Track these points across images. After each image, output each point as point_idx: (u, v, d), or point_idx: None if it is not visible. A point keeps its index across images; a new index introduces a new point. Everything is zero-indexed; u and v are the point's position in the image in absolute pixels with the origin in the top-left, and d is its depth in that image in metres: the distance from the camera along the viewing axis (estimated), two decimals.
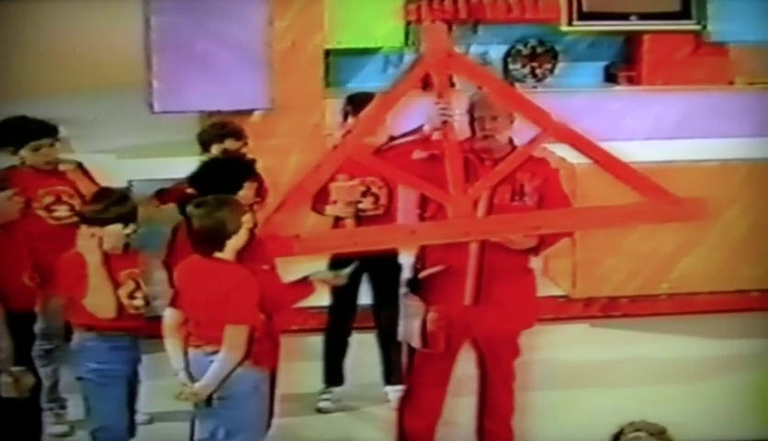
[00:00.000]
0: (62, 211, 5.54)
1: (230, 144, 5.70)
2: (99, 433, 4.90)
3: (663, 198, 4.95)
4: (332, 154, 5.03)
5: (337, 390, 6.06)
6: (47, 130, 5.54)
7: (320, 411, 6.02)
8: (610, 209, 5.15)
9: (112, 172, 6.42)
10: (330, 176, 5.07)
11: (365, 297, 6.06)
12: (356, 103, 5.72)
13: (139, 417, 5.71)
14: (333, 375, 6.06)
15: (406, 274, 5.33)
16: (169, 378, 4.93)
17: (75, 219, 5.35)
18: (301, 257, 4.87)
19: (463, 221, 4.86)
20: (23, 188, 5.31)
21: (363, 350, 6.07)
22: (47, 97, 6.90)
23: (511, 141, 5.05)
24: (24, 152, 5.49)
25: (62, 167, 5.53)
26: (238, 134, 5.79)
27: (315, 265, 5.11)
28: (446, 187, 4.86)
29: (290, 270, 4.90)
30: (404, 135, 5.21)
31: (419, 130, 5.11)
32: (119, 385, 4.84)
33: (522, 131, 5.07)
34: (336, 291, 5.97)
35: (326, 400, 6.05)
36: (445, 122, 4.85)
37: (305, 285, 4.88)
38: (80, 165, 5.67)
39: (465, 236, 4.89)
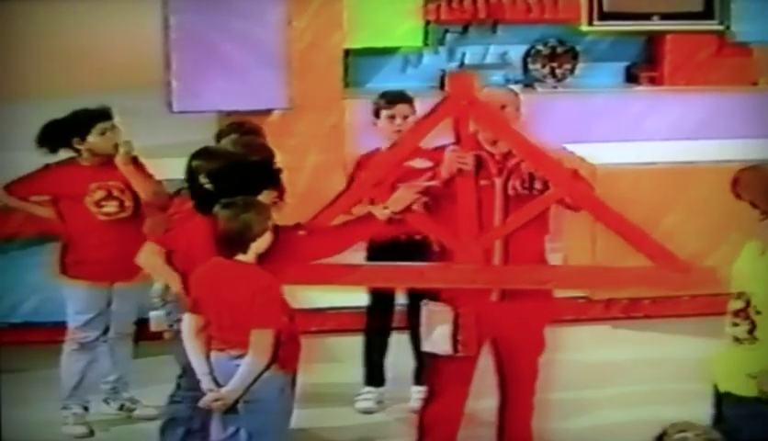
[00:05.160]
0: (110, 207, 5.60)
1: None
2: (182, 379, 5.02)
3: (674, 266, 4.91)
4: (350, 190, 5.02)
5: (379, 389, 6.02)
6: (106, 114, 5.66)
7: (361, 411, 5.98)
8: (620, 272, 5.18)
9: None
10: (347, 210, 5.03)
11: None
12: (390, 98, 5.71)
13: (150, 411, 5.74)
14: (374, 375, 6.02)
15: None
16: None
17: (124, 215, 5.55)
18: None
19: (472, 269, 4.88)
20: (79, 181, 5.52)
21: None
22: (67, 97, 6.89)
23: None
24: (92, 138, 5.58)
25: (122, 150, 5.60)
26: (256, 133, 5.78)
27: None
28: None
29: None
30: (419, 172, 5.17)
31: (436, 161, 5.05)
32: None
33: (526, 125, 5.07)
34: (375, 291, 5.93)
35: (368, 399, 6.01)
36: (460, 170, 4.85)
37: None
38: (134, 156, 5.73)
39: (471, 283, 4.91)
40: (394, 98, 5.72)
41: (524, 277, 4.94)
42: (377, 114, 5.79)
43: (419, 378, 5.94)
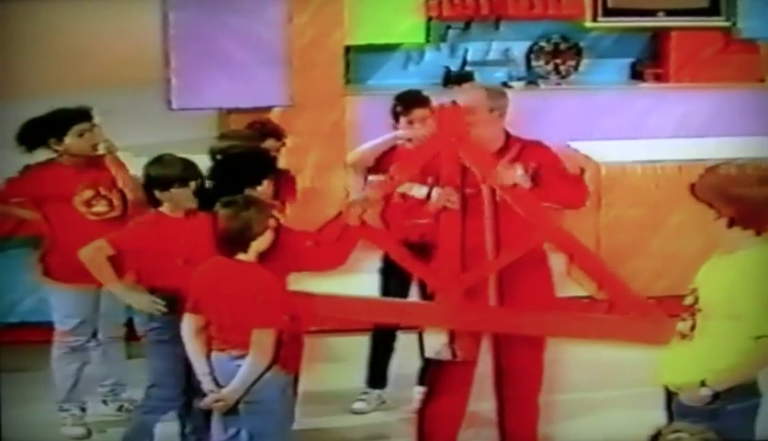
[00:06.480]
0: (100, 207, 5.53)
1: (270, 144, 5.63)
2: (153, 389, 4.99)
3: (650, 316, 4.93)
4: (335, 220, 4.96)
5: (377, 391, 5.98)
6: (85, 115, 5.56)
7: (354, 412, 5.94)
8: (584, 319, 5.28)
9: (130, 169, 6.36)
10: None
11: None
12: (406, 102, 5.61)
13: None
14: (377, 377, 5.97)
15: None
16: None
17: (114, 214, 5.47)
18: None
19: (452, 309, 4.85)
20: (64, 182, 5.43)
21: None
22: (66, 94, 6.86)
23: (507, 132, 4.95)
24: (69, 139, 5.50)
25: (101, 149, 5.52)
26: (278, 134, 5.74)
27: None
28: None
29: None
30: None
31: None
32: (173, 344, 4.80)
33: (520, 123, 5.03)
34: (387, 292, 5.88)
35: (362, 400, 5.96)
36: (445, 208, 4.82)
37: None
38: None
39: (450, 323, 4.88)
40: (411, 103, 5.61)
41: (499, 324, 4.89)
42: (395, 117, 5.69)
43: (423, 379, 5.89)
